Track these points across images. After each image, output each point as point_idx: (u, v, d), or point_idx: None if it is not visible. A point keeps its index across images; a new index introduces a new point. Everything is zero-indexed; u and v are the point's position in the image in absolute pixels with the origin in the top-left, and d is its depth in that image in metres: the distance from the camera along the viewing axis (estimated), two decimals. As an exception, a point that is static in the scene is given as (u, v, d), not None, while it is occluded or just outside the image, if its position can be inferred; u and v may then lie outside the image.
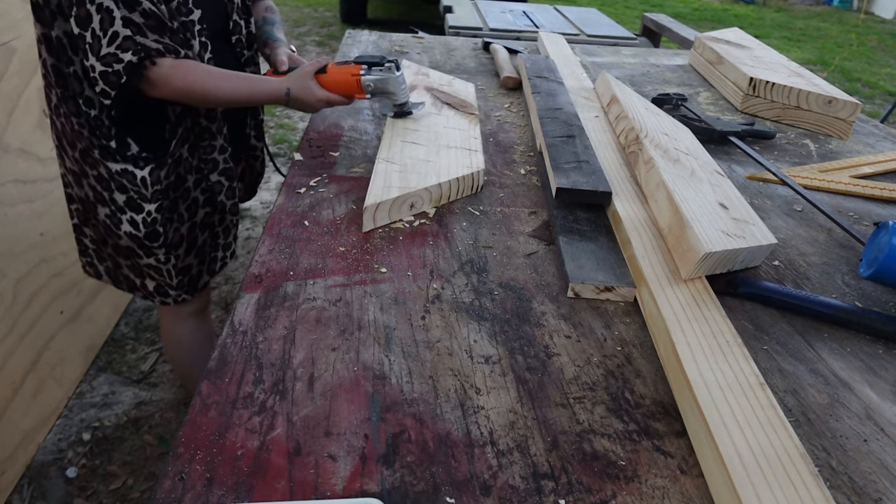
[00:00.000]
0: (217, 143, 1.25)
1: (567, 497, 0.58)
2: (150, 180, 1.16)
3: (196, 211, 1.29)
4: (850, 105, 1.49)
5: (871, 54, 7.01)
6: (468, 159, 1.12)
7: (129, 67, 1.02)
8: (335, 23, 6.49)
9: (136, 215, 1.19)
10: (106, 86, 1.03)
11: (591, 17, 3.20)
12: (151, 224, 1.20)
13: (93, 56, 1.01)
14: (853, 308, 0.84)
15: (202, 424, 0.62)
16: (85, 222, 1.30)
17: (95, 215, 1.23)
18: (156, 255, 1.25)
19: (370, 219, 0.96)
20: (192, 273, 1.33)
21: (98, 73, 1.02)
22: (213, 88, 1.10)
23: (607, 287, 0.85)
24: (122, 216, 1.19)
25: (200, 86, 1.08)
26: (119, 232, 1.21)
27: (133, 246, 1.23)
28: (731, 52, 1.83)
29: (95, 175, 1.17)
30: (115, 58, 1.01)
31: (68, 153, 1.19)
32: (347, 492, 0.56)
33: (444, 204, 1.06)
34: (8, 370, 1.54)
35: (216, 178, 1.28)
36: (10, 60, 1.59)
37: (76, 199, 1.27)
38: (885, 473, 0.63)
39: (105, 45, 1.01)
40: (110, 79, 1.03)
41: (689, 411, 0.66)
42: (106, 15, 0.99)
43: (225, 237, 1.39)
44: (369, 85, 1.18)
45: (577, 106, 1.40)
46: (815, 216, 1.13)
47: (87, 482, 1.63)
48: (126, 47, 1.01)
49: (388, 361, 0.72)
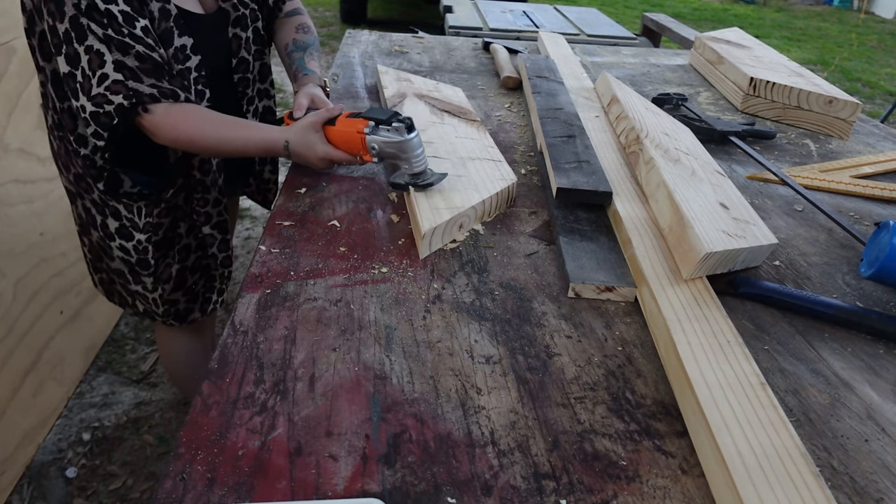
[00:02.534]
0: (210, 196, 1.20)
1: (568, 497, 0.58)
2: (144, 212, 1.13)
3: (187, 256, 1.24)
4: (851, 105, 1.49)
5: (871, 54, 7.01)
6: (497, 171, 1.09)
7: (120, 110, 0.97)
8: (335, 23, 6.49)
9: (127, 243, 1.16)
10: (98, 127, 0.99)
11: (591, 17, 3.20)
12: (143, 252, 1.17)
13: (83, 96, 0.96)
14: (854, 308, 0.84)
15: (203, 424, 0.62)
16: (83, 231, 1.28)
17: (89, 234, 1.21)
18: (143, 283, 1.22)
19: (427, 245, 0.91)
20: (180, 308, 1.29)
21: (89, 113, 0.97)
22: (205, 137, 1.03)
23: (608, 287, 0.85)
24: (111, 243, 1.16)
25: (189, 135, 1.02)
26: (111, 255, 1.19)
27: (123, 270, 1.21)
28: (732, 51, 1.83)
29: (90, 199, 1.14)
30: (106, 99, 0.96)
31: (63, 174, 1.16)
32: (348, 492, 0.56)
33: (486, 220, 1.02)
34: (8, 370, 1.54)
35: (208, 231, 1.24)
36: (10, 60, 1.59)
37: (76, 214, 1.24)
38: (886, 473, 0.63)
39: (95, 85, 0.96)
40: (101, 120, 0.98)
41: (690, 411, 0.66)
42: (95, 57, 0.95)
43: (220, 282, 1.35)
44: (373, 147, 1.00)
45: (577, 106, 1.40)
46: (816, 216, 1.13)
47: (87, 482, 1.63)
48: (116, 90, 0.96)
49: (389, 361, 0.72)
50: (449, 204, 0.97)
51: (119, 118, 0.98)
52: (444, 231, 0.93)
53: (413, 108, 1.31)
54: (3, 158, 1.57)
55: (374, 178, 1.13)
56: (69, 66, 0.96)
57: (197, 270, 1.29)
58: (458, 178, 1.04)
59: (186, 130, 1.01)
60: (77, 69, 0.96)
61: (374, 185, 1.11)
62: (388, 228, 0.98)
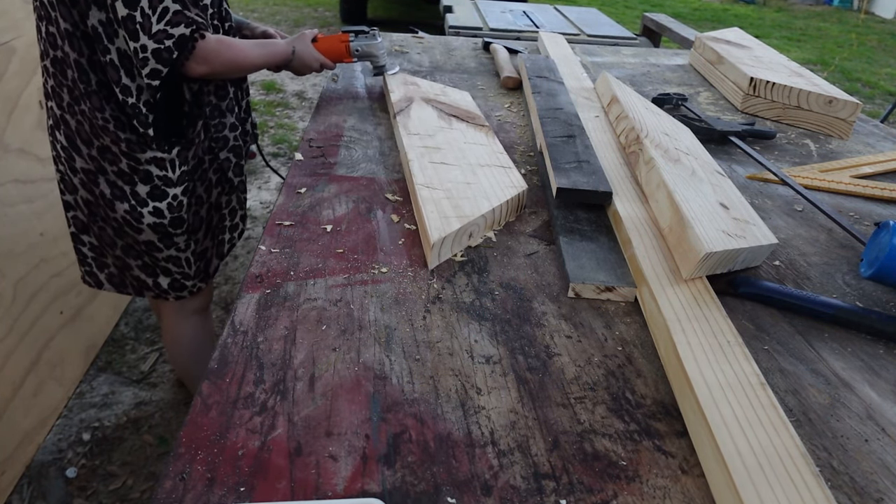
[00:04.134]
0: (227, 120, 1.29)
1: (568, 497, 0.58)
2: (178, 162, 1.19)
3: (211, 192, 1.32)
4: (851, 105, 1.49)
5: (871, 54, 7.01)
6: (507, 178, 1.07)
7: (181, 41, 1.05)
8: (335, 23, 6.50)
9: (161, 203, 1.20)
10: (158, 63, 1.05)
11: (591, 17, 3.20)
12: (178, 209, 1.22)
13: (144, 35, 1.02)
14: (854, 308, 0.84)
15: (203, 424, 0.62)
16: (84, 229, 1.29)
17: (107, 215, 1.22)
18: (177, 244, 1.26)
19: (436, 255, 0.90)
20: (207, 257, 1.37)
21: (150, 51, 1.03)
22: (242, 59, 1.17)
23: (608, 287, 0.85)
24: (143, 209, 1.20)
25: (232, 58, 1.15)
26: (141, 226, 1.21)
27: (154, 239, 1.24)
28: (732, 51, 1.83)
29: (115, 171, 1.17)
30: (166, 34, 1.03)
31: (82, 152, 1.18)
32: (348, 492, 0.56)
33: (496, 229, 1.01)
34: (8, 370, 1.54)
35: (225, 156, 1.32)
36: (9, 60, 1.59)
37: (77, 204, 1.26)
38: (886, 473, 0.63)
39: (155, 21, 1.02)
40: (163, 56, 1.04)
41: (689, 411, 0.66)
42: None
43: (231, 218, 1.43)
44: (357, 49, 1.41)
45: (577, 106, 1.40)
46: (816, 216, 1.13)
47: (86, 482, 1.63)
48: (177, 21, 1.03)
49: (389, 361, 0.72)
50: (458, 212, 0.95)
51: (178, 52, 1.05)
52: (454, 240, 0.92)
53: (420, 113, 1.30)
54: (3, 158, 1.57)
55: (375, 178, 1.13)
56: (127, 8, 1.01)
57: (217, 209, 1.38)
58: (467, 185, 1.03)
59: (228, 54, 1.14)
60: (136, 9, 1.01)
61: (374, 185, 1.11)
62: (388, 228, 0.98)
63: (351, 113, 1.43)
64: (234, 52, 1.16)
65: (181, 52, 1.06)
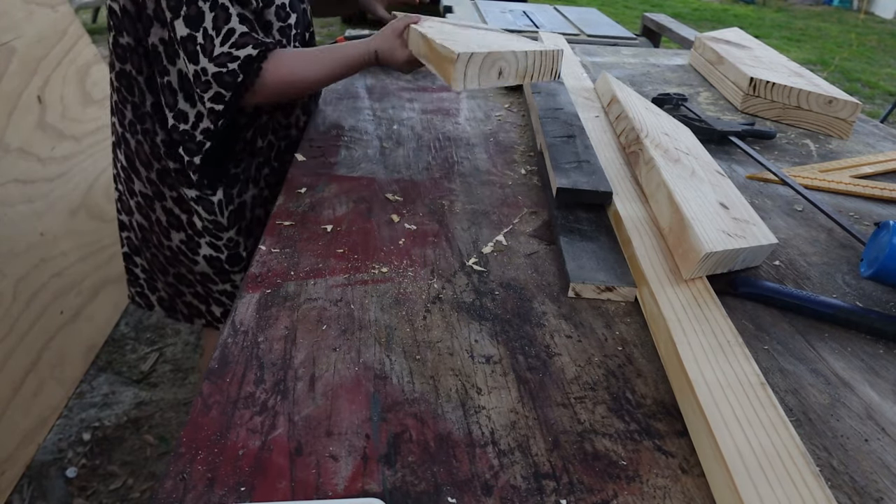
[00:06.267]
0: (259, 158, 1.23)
1: (568, 497, 0.58)
2: (224, 202, 1.13)
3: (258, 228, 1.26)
4: (851, 105, 1.49)
5: (871, 54, 7.01)
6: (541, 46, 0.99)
7: (246, 63, 0.98)
8: (335, 22, 6.50)
9: (217, 240, 1.15)
10: (221, 87, 0.98)
11: (591, 17, 3.20)
12: (234, 247, 1.16)
13: (205, 58, 0.96)
14: (854, 308, 0.84)
15: (203, 424, 0.62)
16: (137, 251, 1.24)
17: (160, 243, 1.18)
18: (233, 280, 1.21)
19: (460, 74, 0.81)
20: None
21: (212, 74, 0.97)
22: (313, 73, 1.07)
23: (608, 287, 0.85)
24: (200, 240, 1.15)
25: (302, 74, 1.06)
26: (196, 258, 1.16)
27: (209, 272, 1.18)
28: (732, 52, 1.83)
29: (175, 196, 1.12)
30: (230, 56, 0.96)
31: (141, 175, 1.12)
32: (349, 492, 0.56)
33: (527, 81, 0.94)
34: (8, 370, 1.54)
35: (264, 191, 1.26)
36: (10, 60, 1.59)
37: (132, 226, 1.21)
38: (886, 473, 0.63)
39: (218, 44, 0.96)
40: (225, 79, 0.98)
41: (690, 411, 0.66)
42: (221, 11, 0.95)
43: None
44: None
45: (577, 106, 1.40)
46: (816, 216, 1.13)
47: (87, 482, 1.63)
48: (243, 43, 0.97)
49: (389, 361, 0.72)
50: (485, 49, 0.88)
51: (244, 75, 0.98)
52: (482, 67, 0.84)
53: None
54: (3, 158, 1.57)
55: (375, 178, 1.13)
56: (188, 28, 0.95)
57: None
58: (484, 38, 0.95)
59: (297, 70, 1.05)
60: (198, 30, 0.95)
61: (374, 186, 1.11)
62: (388, 228, 0.98)
63: (351, 113, 1.43)
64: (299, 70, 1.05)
65: (247, 75, 0.99)
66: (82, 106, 2.09)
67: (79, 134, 2.04)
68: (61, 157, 1.91)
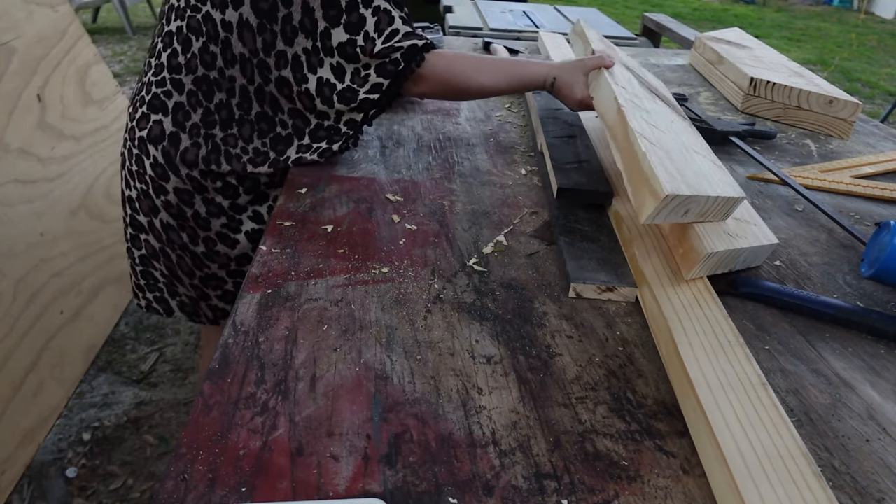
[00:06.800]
0: None
1: (570, 497, 0.58)
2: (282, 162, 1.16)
3: None
4: (851, 105, 1.49)
5: (871, 54, 7.02)
6: (723, 174, 0.90)
7: (409, 53, 1.03)
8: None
9: (261, 206, 1.18)
10: (381, 77, 1.03)
11: (591, 17, 3.20)
12: None
13: (365, 56, 1.01)
14: (855, 308, 0.84)
15: (204, 425, 0.62)
16: (156, 255, 1.22)
17: (194, 238, 1.17)
18: None
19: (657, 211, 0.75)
20: None
21: (374, 67, 1.02)
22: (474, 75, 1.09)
23: (609, 287, 0.85)
24: (242, 215, 1.17)
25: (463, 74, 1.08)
26: (237, 236, 1.17)
27: (248, 250, 1.19)
28: (732, 51, 1.83)
29: (219, 186, 1.13)
30: (393, 49, 1.01)
31: (181, 172, 1.11)
32: (350, 492, 0.56)
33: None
34: (8, 370, 1.54)
35: None
36: (10, 60, 1.59)
37: (151, 228, 1.19)
38: (888, 473, 0.63)
39: (380, 43, 1.01)
40: (387, 68, 1.03)
41: (691, 411, 0.66)
42: (384, 15, 1.00)
43: None
44: None
45: (577, 106, 1.40)
46: (817, 216, 1.13)
47: (87, 482, 1.63)
48: (407, 39, 1.02)
49: (390, 361, 0.72)
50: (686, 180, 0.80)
51: (404, 63, 1.02)
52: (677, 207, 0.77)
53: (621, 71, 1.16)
54: (3, 158, 1.57)
55: (375, 179, 1.13)
56: (348, 34, 1.00)
57: None
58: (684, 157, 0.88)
59: (459, 70, 1.08)
60: (359, 34, 1.00)
61: (374, 186, 1.11)
62: (388, 228, 0.98)
63: (351, 113, 1.42)
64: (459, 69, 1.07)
65: (408, 63, 1.03)
66: (82, 106, 2.09)
67: (79, 134, 2.04)
68: (61, 157, 1.91)
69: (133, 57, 5.20)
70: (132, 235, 1.23)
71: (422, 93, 1.11)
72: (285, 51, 1.04)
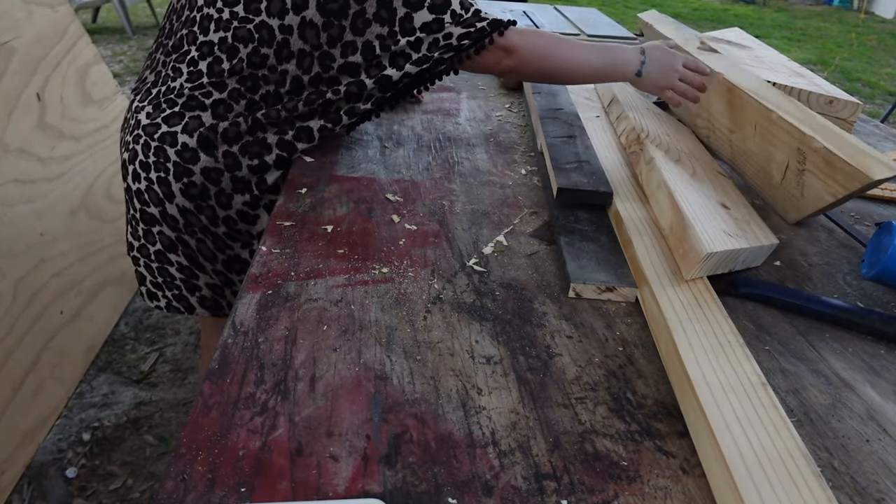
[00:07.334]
0: None
1: (569, 497, 0.57)
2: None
3: None
4: (851, 105, 1.49)
5: (871, 54, 7.02)
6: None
7: (493, 23, 1.05)
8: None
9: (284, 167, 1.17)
10: (466, 39, 1.06)
11: (591, 17, 3.20)
12: None
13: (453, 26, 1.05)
14: (855, 308, 0.84)
15: (204, 425, 0.62)
16: (173, 247, 1.18)
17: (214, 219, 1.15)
18: None
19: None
20: None
21: (456, 36, 1.05)
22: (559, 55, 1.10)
23: (609, 287, 0.85)
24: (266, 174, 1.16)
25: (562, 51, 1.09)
26: (257, 212, 1.17)
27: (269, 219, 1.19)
28: (732, 51, 1.83)
29: (253, 165, 1.12)
30: (479, 17, 1.05)
31: (218, 149, 1.09)
32: (349, 492, 0.56)
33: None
34: (8, 370, 1.54)
35: None
36: (10, 60, 1.59)
37: (164, 217, 1.15)
38: (888, 474, 0.63)
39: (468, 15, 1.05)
40: (472, 35, 1.05)
41: (690, 411, 0.66)
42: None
43: None
44: None
45: (577, 106, 1.40)
46: (817, 216, 1.13)
47: (86, 482, 1.63)
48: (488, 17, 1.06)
49: (390, 362, 0.72)
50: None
51: (490, 28, 1.06)
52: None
53: None
54: (2, 158, 1.57)
55: (375, 179, 1.13)
56: (433, 14, 1.04)
57: None
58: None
59: (542, 47, 1.09)
60: (445, 12, 1.04)
61: (374, 186, 1.11)
62: (388, 228, 0.98)
63: (351, 113, 1.42)
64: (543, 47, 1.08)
65: (493, 30, 1.05)
66: (82, 106, 2.09)
67: (78, 134, 2.04)
68: (61, 157, 1.91)
69: (133, 57, 5.19)
70: (145, 231, 1.18)
71: (511, 68, 1.10)
72: (354, 40, 1.06)
